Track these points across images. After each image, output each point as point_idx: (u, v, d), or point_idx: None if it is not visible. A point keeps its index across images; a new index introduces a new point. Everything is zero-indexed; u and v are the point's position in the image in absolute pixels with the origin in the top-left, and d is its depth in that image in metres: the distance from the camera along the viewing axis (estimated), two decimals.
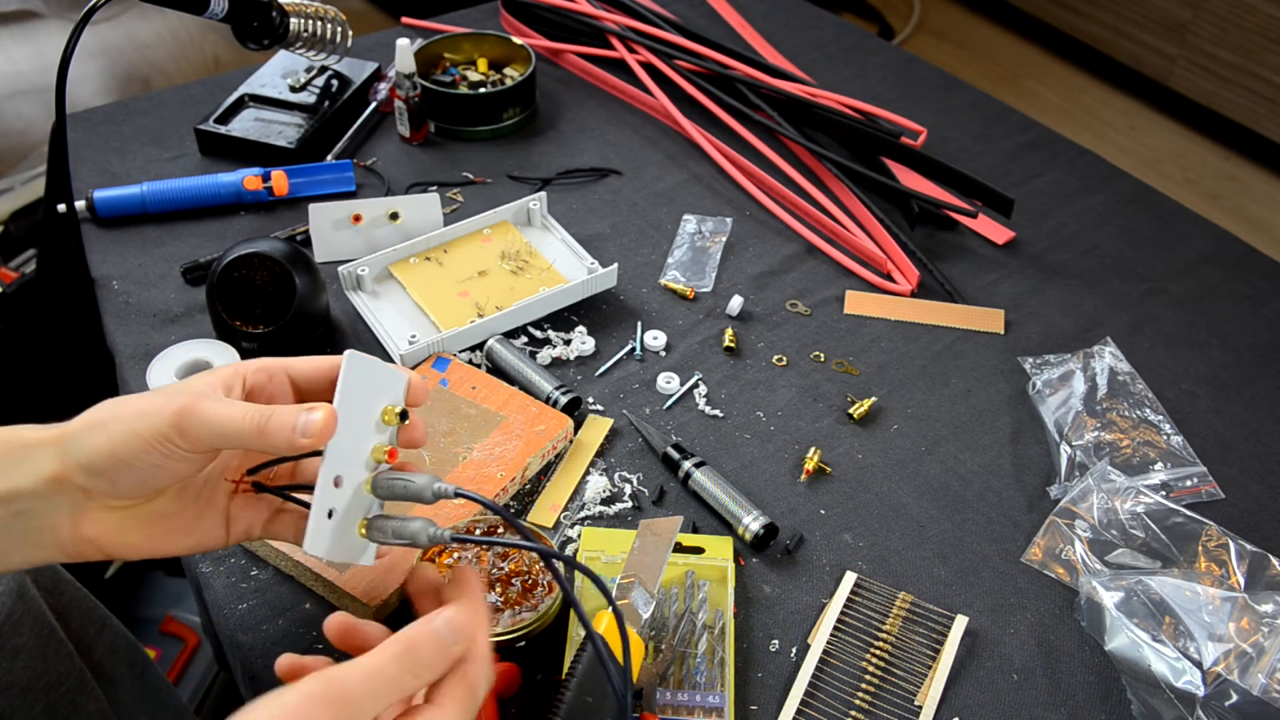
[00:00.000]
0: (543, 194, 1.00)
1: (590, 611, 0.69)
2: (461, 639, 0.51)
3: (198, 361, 0.82)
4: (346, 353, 0.56)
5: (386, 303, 0.92)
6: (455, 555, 0.70)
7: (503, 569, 0.70)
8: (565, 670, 0.63)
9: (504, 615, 0.67)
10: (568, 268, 0.96)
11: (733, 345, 0.90)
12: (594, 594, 0.71)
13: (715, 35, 1.27)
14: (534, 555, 0.70)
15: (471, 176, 1.08)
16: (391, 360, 0.87)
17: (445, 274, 0.94)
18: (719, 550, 0.74)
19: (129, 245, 0.98)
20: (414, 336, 0.87)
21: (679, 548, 0.74)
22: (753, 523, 0.75)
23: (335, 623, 0.56)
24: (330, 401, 0.55)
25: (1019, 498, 0.81)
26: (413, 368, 0.86)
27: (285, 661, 0.54)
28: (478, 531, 0.72)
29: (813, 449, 0.82)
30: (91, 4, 0.93)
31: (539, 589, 0.69)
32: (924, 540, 0.77)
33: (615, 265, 0.94)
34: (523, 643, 0.68)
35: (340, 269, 0.92)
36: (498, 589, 0.69)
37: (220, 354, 0.82)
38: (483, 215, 0.98)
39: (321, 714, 0.46)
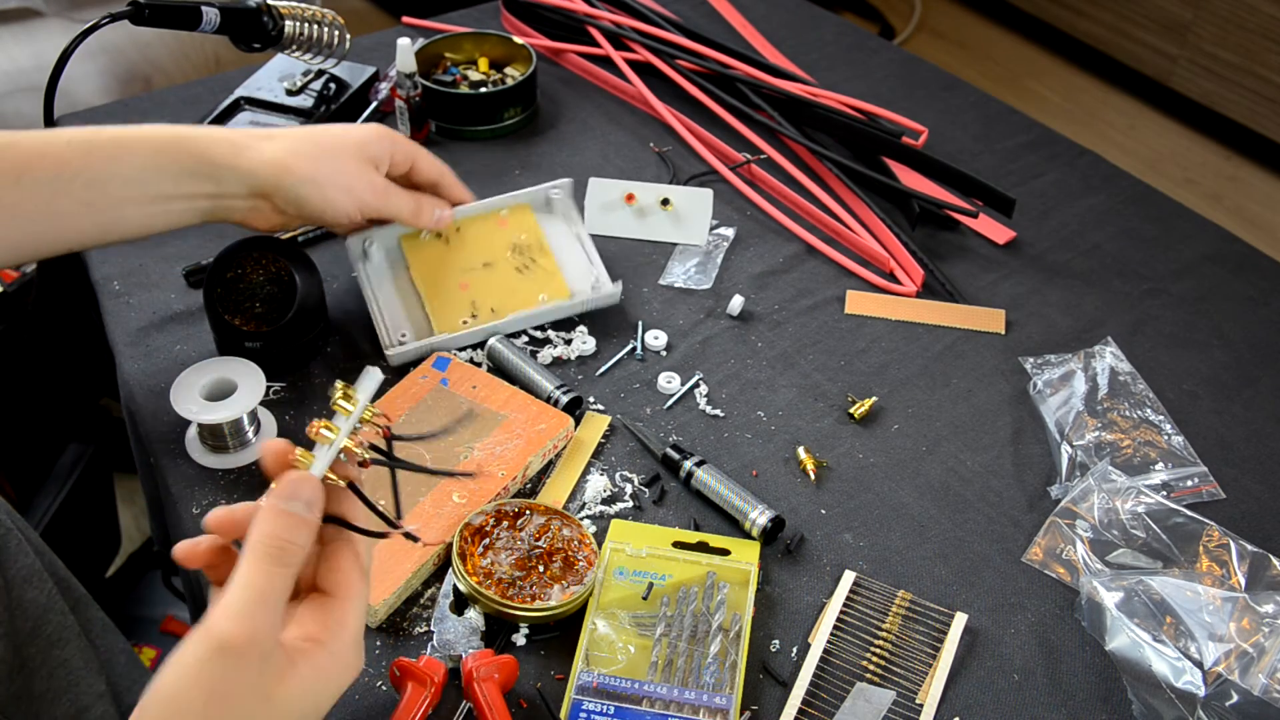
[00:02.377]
0: (567, 181, 0.97)
1: (609, 603, 0.70)
2: (302, 498, 0.50)
3: (223, 381, 0.79)
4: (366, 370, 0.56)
5: (388, 283, 0.91)
6: (492, 534, 0.71)
7: (540, 547, 0.71)
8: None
9: (554, 590, 0.69)
10: (575, 273, 0.93)
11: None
12: (615, 585, 0.71)
13: (716, 35, 1.27)
14: (569, 533, 0.73)
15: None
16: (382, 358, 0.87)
17: (452, 258, 0.92)
18: (744, 554, 0.74)
19: (129, 245, 0.98)
20: (404, 336, 0.87)
21: (704, 547, 0.74)
22: (759, 517, 0.75)
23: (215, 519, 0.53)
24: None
25: (1019, 497, 0.81)
26: (403, 364, 0.86)
27: (214, 516, 0.52)
28: (504, 522, 0.73)
29: (801, 449, 0.82)
30: (84, 29, 0.94)
31: (580, 563, 0.71)
32: (925, 540, 0.77)
33: (619, 284, 0.92)
34: (557, 632, 0.70)
35: (349, 240, 0.91)
36: (540, 568, 0.70)
37: (246, 374, 0.80)
38: (504, 196, 0.95)
39: (219, 664, 0.46)
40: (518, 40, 1.19)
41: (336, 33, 1.10)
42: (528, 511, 0.74)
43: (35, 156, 0.72)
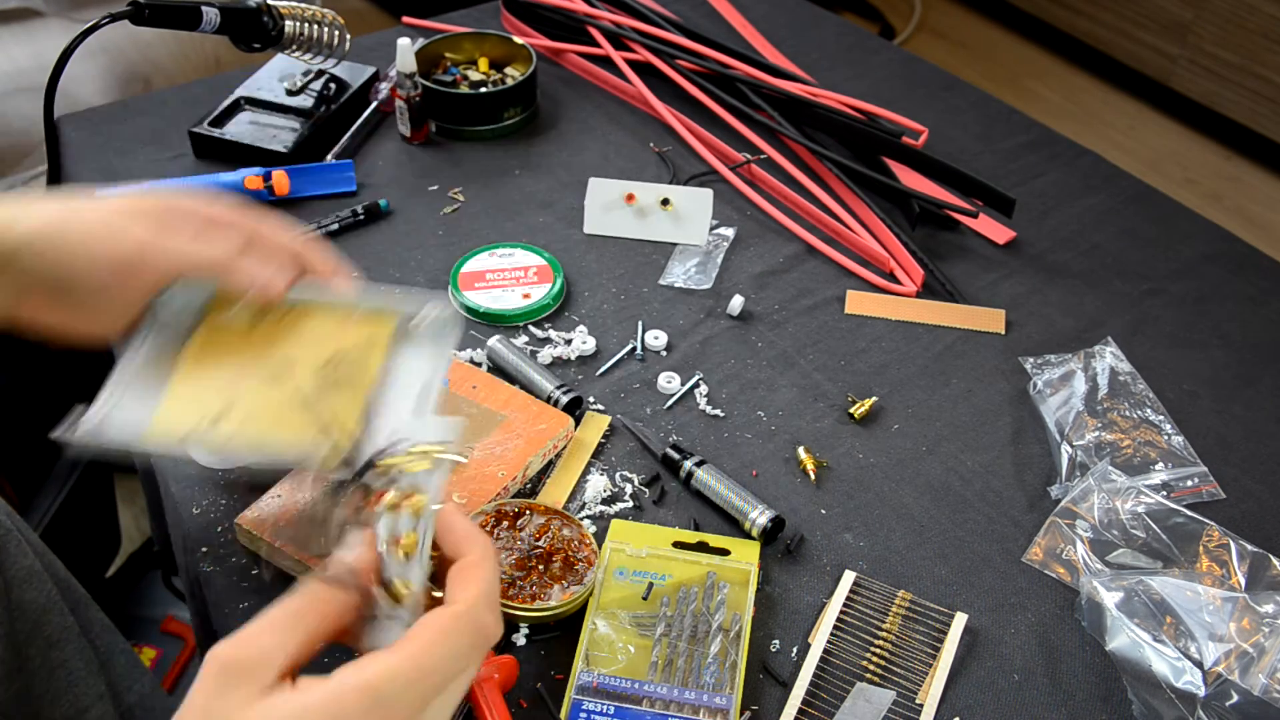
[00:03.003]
0: (449, 310, 0.64)
1: (609, 603, 0.70)
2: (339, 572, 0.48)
3: None
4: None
5: (154, 353, 0.63)
6: (492, 534, 0.71)
7: (540, 547, 0.72)
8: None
9: (554, 590, 0.69)
10: (384, 422, 0.59)
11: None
12: (615, 585, 0.71)
13: (716, 35, 1.27)
14: (569, 533, 0.73)
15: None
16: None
17: (248, 345, 0.63)
18: (744, 554, 0.74)
19: None
20: (92, 416, 0.62)
21: (704, 547, 0.74)
22: (759, 517, 0.75)
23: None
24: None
25: (1020, 497, 0.81)
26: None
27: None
28: (505, 522, 0.73)
29: (801, 449, 0.82)
30: (84, 29, 0.94)
31: (580, 564, 0.71)
32: (925, 540, 0.77)
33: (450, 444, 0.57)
34: (557, 632, 0.70)
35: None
36: (540, 568, 0.70)
37: None
38: (378, 294, 0.65)
39: (201, 677, 0.43)
40: (518, 40, 1.19)
41: (336, 33, 1.10)
42: (528, 511, 0.74)
43: None
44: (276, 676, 0.43)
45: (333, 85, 1.15)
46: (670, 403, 0.86)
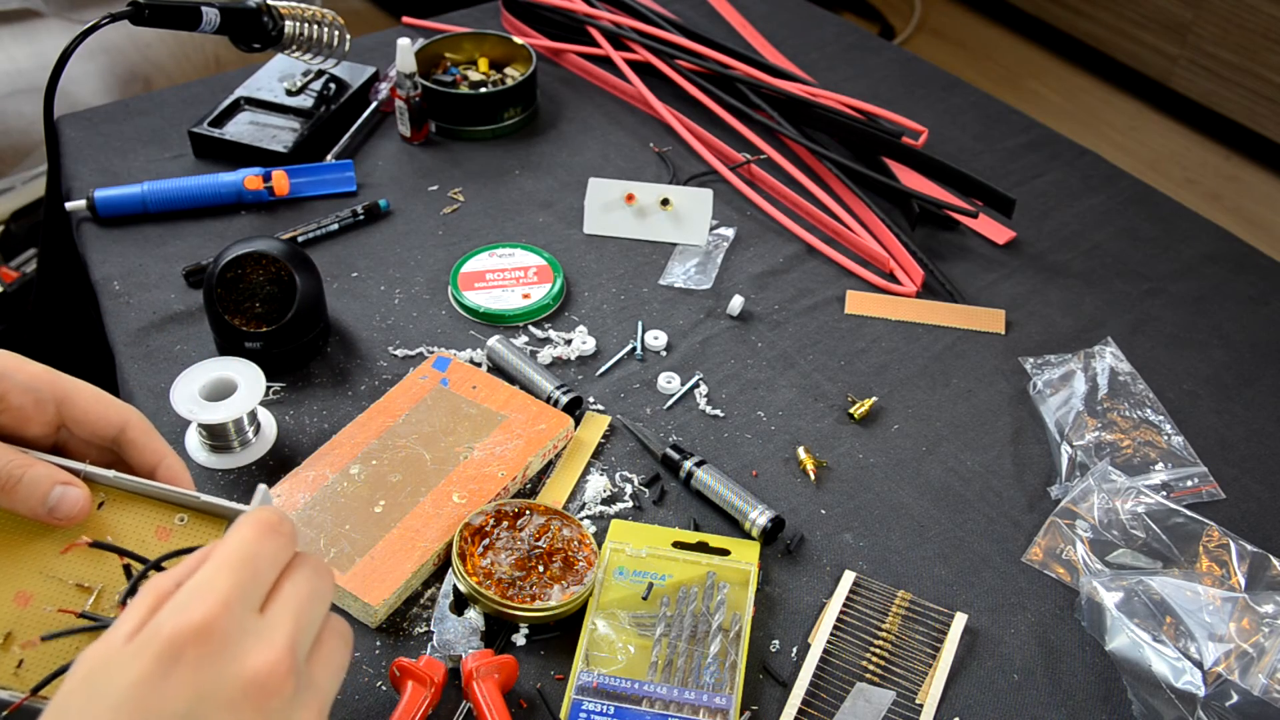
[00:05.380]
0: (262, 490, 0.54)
1: (609, 603, 0.70)
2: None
3: (223, 381, 0.79)
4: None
5: None
6: (492, 534, 0.72)
7: (540, 547, 0.72)
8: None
9: (554, 590, 0.69)
10: None
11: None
12: (615, 585, 0.71)
13: (716, 35, 1.27)
14: (569, 533, 0.73)
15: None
16: None
17: (46, 546, 0.52)
18: (744, 554, 0.74)
19: (129, 245, 0.98)
20: None
21: (704, 547, 0.74)
22: (759, 517, 0.75)
23: None
24: (88, 460, 0.51)
25: (1019, 498, 0.81)
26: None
27: None
28: (505, 522, 0.73)
29: (801, 449, 0.82)
30: (84, 29, 0.94)
31: (580, 563, 0.71)
32: (925, 540, 0.77)
33: None
34: (557, 632, 0.70)
35: None
36: (539, 568, 0.71)
37: (246, 374, 0.79)
38: (210, 499, 0.53)
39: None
40: (518, 40, 1.19)
41: (336, 33, 1.10)
42: (528, 511, 0.74)
43: None
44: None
45: (333, 85, 1.15)
46: (670, 403, 0.86)
